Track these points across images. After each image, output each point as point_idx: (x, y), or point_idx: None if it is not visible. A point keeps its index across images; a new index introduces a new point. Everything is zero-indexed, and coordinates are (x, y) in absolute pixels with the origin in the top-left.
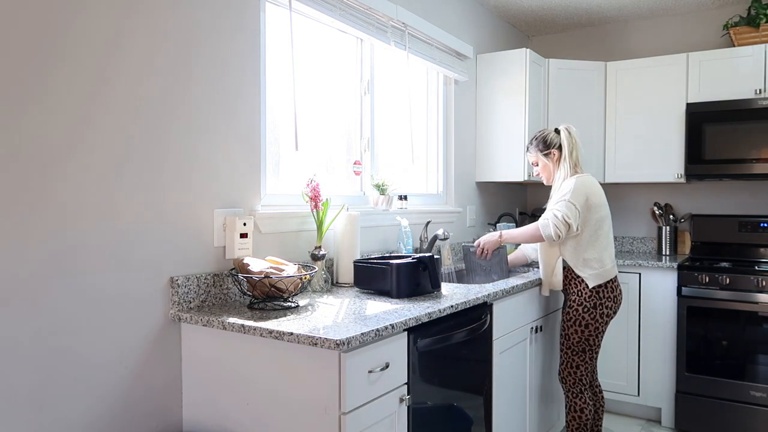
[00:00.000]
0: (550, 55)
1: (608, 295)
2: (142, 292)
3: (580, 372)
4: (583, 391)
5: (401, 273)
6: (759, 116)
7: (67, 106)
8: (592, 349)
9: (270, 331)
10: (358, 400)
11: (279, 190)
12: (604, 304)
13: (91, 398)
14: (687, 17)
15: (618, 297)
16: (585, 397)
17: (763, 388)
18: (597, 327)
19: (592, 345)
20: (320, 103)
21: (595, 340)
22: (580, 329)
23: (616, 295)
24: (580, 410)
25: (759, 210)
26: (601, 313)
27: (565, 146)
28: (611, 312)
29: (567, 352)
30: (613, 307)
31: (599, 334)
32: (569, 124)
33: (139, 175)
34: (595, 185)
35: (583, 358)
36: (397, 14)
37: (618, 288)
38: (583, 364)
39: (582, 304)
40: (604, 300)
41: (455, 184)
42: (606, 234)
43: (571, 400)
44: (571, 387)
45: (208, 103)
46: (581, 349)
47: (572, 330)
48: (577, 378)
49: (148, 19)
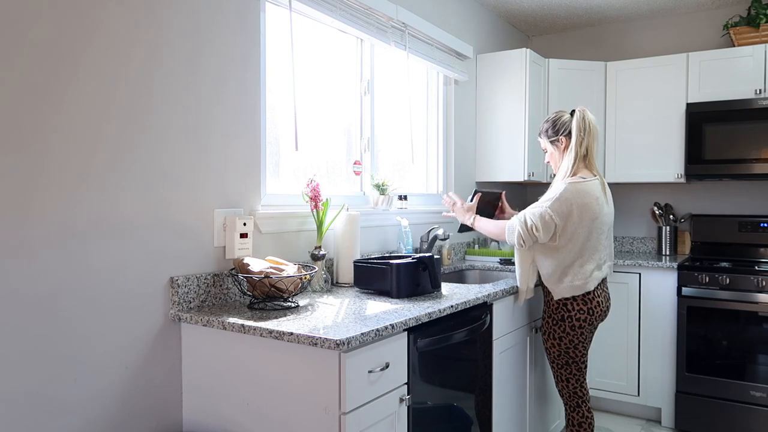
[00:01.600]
0: (550, 55)
1: (579, 308)
2: (142, 292)
3: (572, 385)
4: (580, 405)
5: (401, 273)
6: (759, 116)
7: (66, 106)
8: (577, 361)
9: (270, 331)
10: (358, 400)
11: (279, 190)
12: (574, 316)
13: (91, 398)
14: (687, 17)
15: (595, 308)
16: (582, 410)
17: (763, 388)
18: (572, 339)
19: (574, 357)
20: (320, 103)
21: (576, 352)
22: (555, 342)
23: (591, 307)
24: (578, 425)
25: (759, 210)
26: (572, 326)
27: (574, 134)
28: (586, 324)
29: (553, 366)
30: (587, 319)
31: (578, 346)
32: (586, 108)
33: (139, 175)
34: (589, 196)
35: (570, 371)
36: (397, 14)
37: (597, 300)
38: (572, 377)
39: (551, 316)
40: (574, 312)
41: (455, 184)
42: (592, 246)
43: (569, 414)
44: (567, 401)
45: (208, 103)
46: (564, 362)
47: (549, 344)
48: (571, 391)
49: (148, 20)
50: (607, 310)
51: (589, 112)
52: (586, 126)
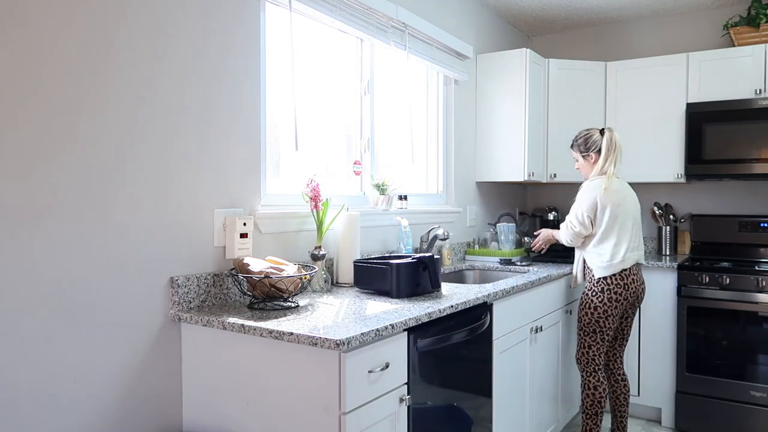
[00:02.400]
0: (550, 55)
1: (618, 283)
2: (142, 292)
3: (592, 352)
4: (596, 371)
5: (401, 273)
6: (759, 116)
7: (66, 106)
8: (603, 330)
9: (270, 331)
10: (359, 400)
11: (279, 190)
12: (613, 290)
13: (91, 398)
14: (687, 17)
15: (630, 285)
16: (599, 375)
17: (763, 388)
18: (606, 310)
19: (603, 327)
20: (320, 103)
21: (605, 323)
22: (590, 311)
23: (627, 283)
24: (593, 387)
25: (759, 210)
26: (609, 298)
27: (603, 151)
28: (621, 298)
29: (580, 333)
30: (623, 293)
31: (609, 318)
32: (612, 128)
33: (139, 175)
34: (609, 188)
35: (594, 339)
36: (397, 14)
37: (631, 277)
38: (594, 344)
39: (591, 290)
40: (612, 286)
41: (455, 184)
42: (619, 230)
43: (585, 379)
44: (585, 366)
45: (208, 103)
46: (592, 330)
47: (583, 313)
48: (590, 358)
49: (146, 20)
50: (642, 292)
51: (616, 133)
52: (613, 146)
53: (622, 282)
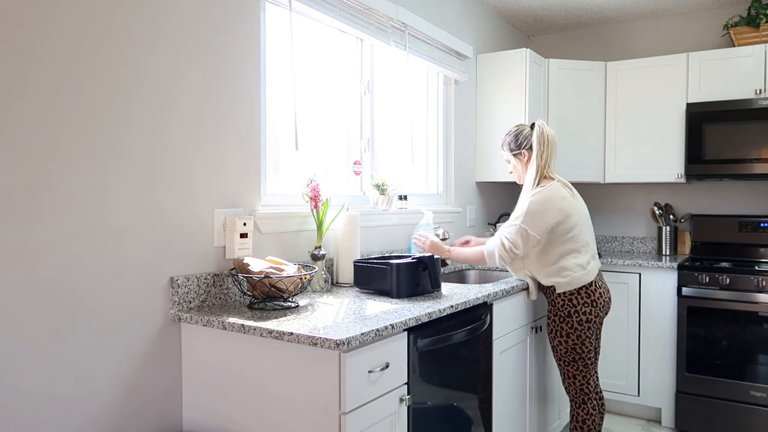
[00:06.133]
0: (550, 55)
1: (583, 301)
2: (142, 292)
3: (578, 382)
4: (586, 401)
5: (401, 273)
6: (759, 116)
7: (66, 107)
8: (584, 357)
9: (270, 331)
10: (358, 400)
11: (279, 190)
12: (580, 310)
13: (91, 398)
14: (687, 17)
15: (598, 300)
16: (588, 407)
17: (763, 388)
18: (580, 335)
19: (582, 353)
20: (320, 103)
21: (583, 348)
22: (562, 340)
23: (594, 299)
24: (582, 421)
25: (759, 210)
26: (579, 320)
27: (534, 148)
28: (593, 317)
29: (559, 363)
30: (593, 311)
31: (585, 342)
32: (543, 122)
33: (139, 175)
34: (554, 199)
35: (576, 368)
36: (397, 14)
37: (599, 291)
38: (578, 373)
39: (556, 314)
40: (579, 306)
41: (455, 184)
42: (574, 239)
43: (574, 410)
44: (573, 397)
45: (208, 103)
46: (571, 359)
47: (556, 342)
48: (578, 388)
49: (146, 18)
50: (609, 301)
51: (547, 126)
52: (545, 140)
53: (589, 300)
